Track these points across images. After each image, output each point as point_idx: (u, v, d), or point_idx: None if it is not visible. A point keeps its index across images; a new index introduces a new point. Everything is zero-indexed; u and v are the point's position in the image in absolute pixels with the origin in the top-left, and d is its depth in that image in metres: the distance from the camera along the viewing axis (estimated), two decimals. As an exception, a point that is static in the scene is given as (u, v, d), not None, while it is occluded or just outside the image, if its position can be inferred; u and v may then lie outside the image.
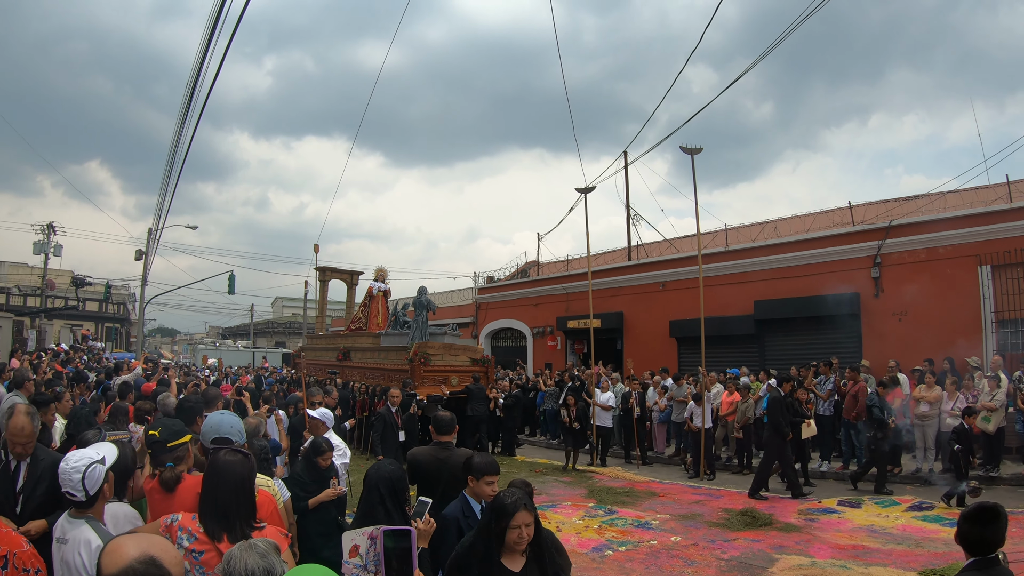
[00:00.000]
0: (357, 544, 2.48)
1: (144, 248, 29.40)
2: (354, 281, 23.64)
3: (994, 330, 12.92)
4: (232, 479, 2.60)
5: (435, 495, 4.63)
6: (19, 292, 37.31)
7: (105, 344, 37.35)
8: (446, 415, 5.08)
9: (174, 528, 2.51)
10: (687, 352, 18.36)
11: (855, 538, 7.57)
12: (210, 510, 2.56)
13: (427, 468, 4.73)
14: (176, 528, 2.51)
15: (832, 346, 15.07)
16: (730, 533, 7.90)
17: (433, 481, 4.68)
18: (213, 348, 44.83)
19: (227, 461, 2.67)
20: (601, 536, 7.82)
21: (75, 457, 2.74)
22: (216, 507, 2.56)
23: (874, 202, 18.18)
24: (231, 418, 3.67)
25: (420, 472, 4.74)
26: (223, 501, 2.56)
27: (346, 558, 2.56)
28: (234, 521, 2.55)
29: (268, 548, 1.90)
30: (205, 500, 2.59)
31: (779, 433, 9.87)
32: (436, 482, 4.68)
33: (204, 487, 2.63)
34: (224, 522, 2.54)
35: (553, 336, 23.18)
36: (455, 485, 4.78)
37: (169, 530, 2.50)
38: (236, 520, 2.56)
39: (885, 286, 14.51)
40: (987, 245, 13.06)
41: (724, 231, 21.45)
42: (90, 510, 2.70)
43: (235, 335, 63.22)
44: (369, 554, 2.45)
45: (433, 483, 4.67)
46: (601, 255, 24.51)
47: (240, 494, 2.60)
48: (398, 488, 3.57)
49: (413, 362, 14.09)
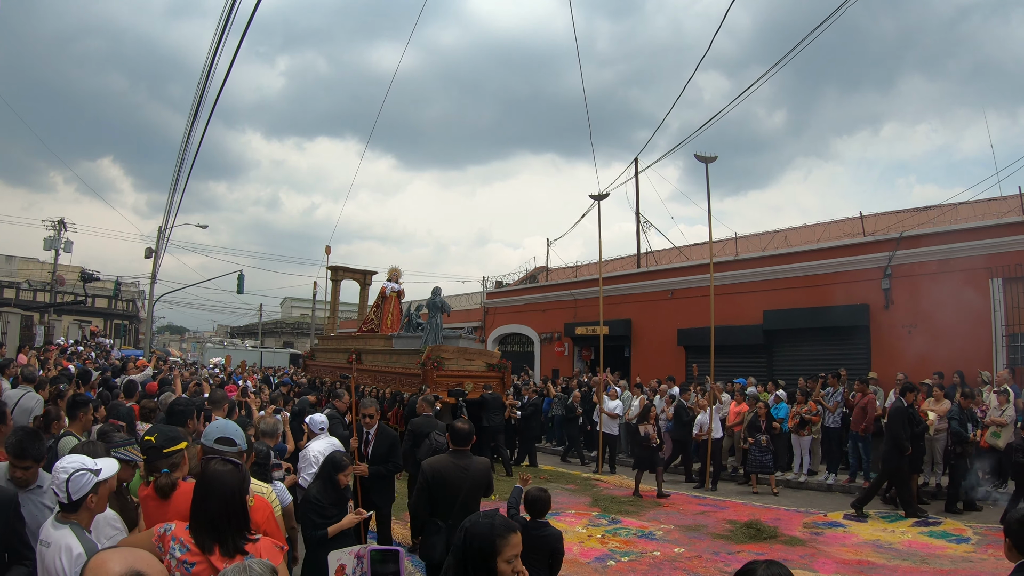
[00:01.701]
0: (344, 564, 2.46)
1: (154, 246, 29.50)
2: (367, 281, 23.21)
3: (1004, 344, 12.78)
4: (222, 490, 2.54)
5: (455, 504, 4.59)
6: (29, 287, 37.55)
7: (114, 341, 37.52)
8: (464, 426, 4.89)
9: (167, 538, 2.48)
10: (695, 361, 18.28)
11: (860, 553, 7.49)
12: (200, 522, 2.51)
13: (450, 478, 4.60)
14: (169, 538, 2.48)
15: (841, 357, 14.94)
16: (734, 546, 7.83)
17: (455, 491, 4.60)
18: (221, 347, 44.91)
19: (217, 471, 2.61)
20: (604, 546, 7.77)
21: (70, 459, 2.74)
22: (206, 519, 2.51)
23: (885, 212, 18.06)
24: (234, 425, 3.65)
25: (441, 483, 4.60)
26: (213, 513, 2.50)
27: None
28: (224, 533, 2.50)
29: (264, 571, 1.84)
30: (195, 511, 2.55)
31: (898, 448, 9.11)
32: (458, 491, 4.60)
33: (194, 498, 2.58)
34: (214, 534, 2.49)
35: (561, 342, 23.13)
36: (475, 494, 4.76)
37: (162, 540, 2.47)
38: (227, 532, 2.51)
39: (895, 298, 14.39)
40: (998, 258, 12.93)
41: (734, 240, 21.35)
42: (74, 515, 2.68)
43: (243, 334, 63.35)
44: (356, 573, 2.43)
45: (455, 492, 4.60)
46: (610, 262, 24.46)
47: (230, 506, 2.54)
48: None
49: (425, 366, 13.50)
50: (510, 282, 28.96)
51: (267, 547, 2.58)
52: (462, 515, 4.58)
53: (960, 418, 9.70)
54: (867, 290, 14.81)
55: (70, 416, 5.20)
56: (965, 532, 8.25)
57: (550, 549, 4.25)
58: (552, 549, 4.26)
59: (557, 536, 4.34)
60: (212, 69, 9.97)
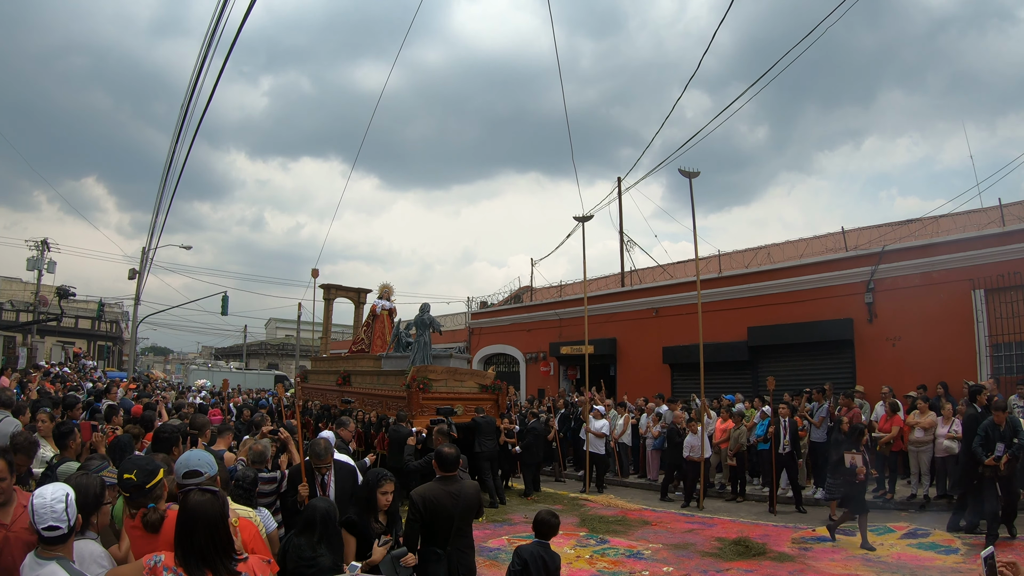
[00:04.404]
0: None
1: (138, 267, 29.26)
2: (361, 300, 22.41)
3: (988, 354, 12.91)
4: (205, 520, 2.59)
5: (451, 531, 4.54)
6: (11, 308, 37.09)
7: (97, 362, 37.11)
8: (451, 450, 4.81)
9: (158, 569, 2.49)
10: (680, 378, 18.34)
11: (849, 567, 7.50)
12: (188, 552, 2.55)
13: (442, 505, 4.52)
14: (160, 569, 2.49)
15: (826, 372, 15.06)
16: (723, 563, 7.82)
17: (449, 517, 4.53)
18: (205, 369, 44.49)
19: (197, 502, 2.65)
20: (592, 567, 7.74)
21: (50, 490, 2.70)
22: (194, 550, 2.54)
23: (867, 227, 18.29)
24: (199, 452, 3.65)
25: (433, 509, 4.50)
26: (199, 543, 2.55)
27: None
28: (212, 559, 2.54)
29: None
30: (182, 543, 2.57)
31: (975, 459, 8.32)
32: (452, 517, 4.54)
33: (179, 531, 2.62)
34: (204, 563, 2.53)
35: (546, 362, 23.11)
36: (467, 517, 4.71)
37: (153, 572, 2.47)
38: (215, 558, 2.55)
39: (878, 311, 14.52)
40: (980, 269, 13.09)
41: (717, 257, 21.50)
42: (63, 546, 2.65)
43: (228, 356, 62.84)
44: None
45: (450, 518, 4.53)
46: (595, 280, 24.52)
47: (215, 533, 2.59)
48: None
49: (411, 388, 12.58)
50: (495, 302, 28.94)
51: (256, 564, 2.64)
52: (458, 540, 4.56)
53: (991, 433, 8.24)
54: (851, 304, 14.93)
55: (60, 446, 5.16)
56: (954, 543, 8.28)
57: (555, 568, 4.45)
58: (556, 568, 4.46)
59: (558, 558, 4.51)
60: (197, 89, 9.97)
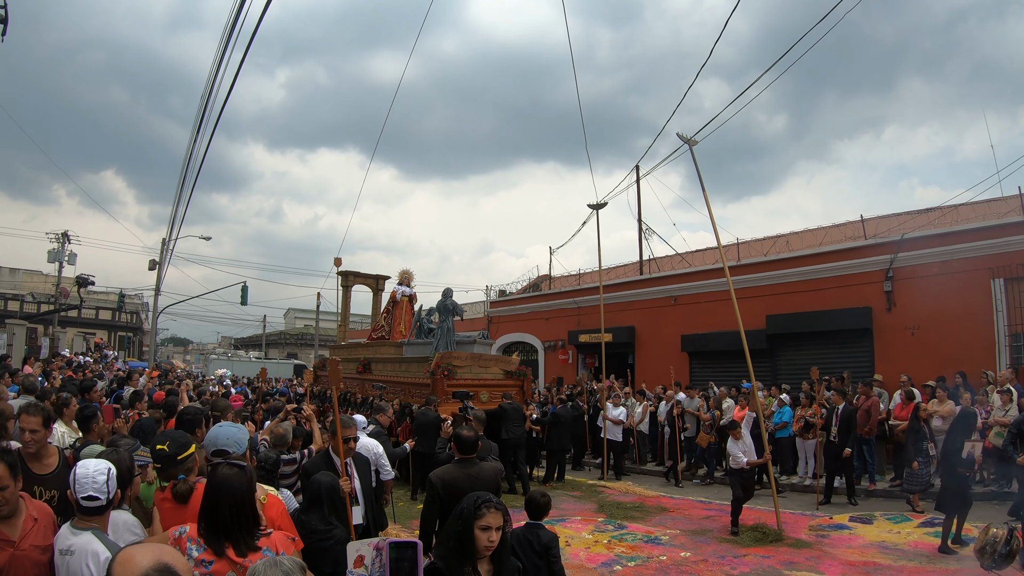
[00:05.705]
0: (363, 555, 2.49)
1: (157, 258, 29.61)
2: (380, 287, 22.00)
3: (1007, 344, 12.79)
4: (231, 493, 2.62)
5: None
6: (33, 299, 37.67)
7: (118, 353, 37.64)
8: (470, 434, 4.87)
9: (183, 540, 2.54)
10: (698, 367, 18.28)
11: (866, 554, 7.51)
12: (211, 524, 2.59)
13: (461, 487, 4.45)
14: (185, 540, 2.54)
15: (844, 361, 14.97)
16: (740, 549, 7.85)
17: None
18: (225, 359, 44.95)
19: (225, 475, 2.69)
20: (610, 551, 7.79)
21: (93, 463, 2.78)
22: (217, 522, 2.58)
23: (886, 215, 18.13)
24: (228, 429, 3.70)
25: (452, 492, 4.48)
26: (223, 516, 2.58)
27: (351, 568, 2.58)
28: (235, 533, 2.58)
29: (293, 567, 1.91)
30: (205, 515, 2.62)
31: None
32: None
33: (205, 503, 2.66)
34: (226, 535, 2.57)
35: (564, 350, 23.12)
36: None
37: (178, 542, 2.52)
38: (238, 532, 2.58)
39: (897, 300, 14.41)
40: (1000, 258, 12.94)
41: (736, 245, 21.40)
42: (99, 518, 2.73)
43: (247, 346, 63.40)
44: (375, 565, 2.47)
45: None
46: (613, 269, 24.48)
47: (240, 507, 2.62)
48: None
49: (435, 375, 12.42)
50: (513, 291, 28.94)
51: (280, 540, 2.68)
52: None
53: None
54: (869, 293, 14.83)
55: (83, 429, 5.27)
56: (971, 531, 8.24)
57: (542, 548, 4.18)
58: (544, 548, 4.19)
59: (551, 537, 4.29)
60: (217, 82, 10.08)
